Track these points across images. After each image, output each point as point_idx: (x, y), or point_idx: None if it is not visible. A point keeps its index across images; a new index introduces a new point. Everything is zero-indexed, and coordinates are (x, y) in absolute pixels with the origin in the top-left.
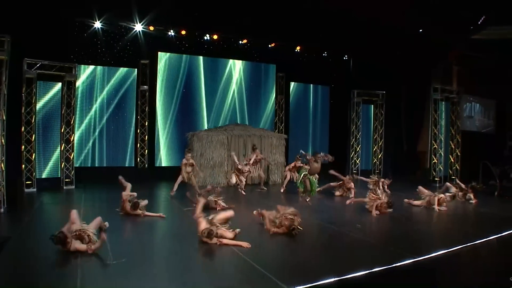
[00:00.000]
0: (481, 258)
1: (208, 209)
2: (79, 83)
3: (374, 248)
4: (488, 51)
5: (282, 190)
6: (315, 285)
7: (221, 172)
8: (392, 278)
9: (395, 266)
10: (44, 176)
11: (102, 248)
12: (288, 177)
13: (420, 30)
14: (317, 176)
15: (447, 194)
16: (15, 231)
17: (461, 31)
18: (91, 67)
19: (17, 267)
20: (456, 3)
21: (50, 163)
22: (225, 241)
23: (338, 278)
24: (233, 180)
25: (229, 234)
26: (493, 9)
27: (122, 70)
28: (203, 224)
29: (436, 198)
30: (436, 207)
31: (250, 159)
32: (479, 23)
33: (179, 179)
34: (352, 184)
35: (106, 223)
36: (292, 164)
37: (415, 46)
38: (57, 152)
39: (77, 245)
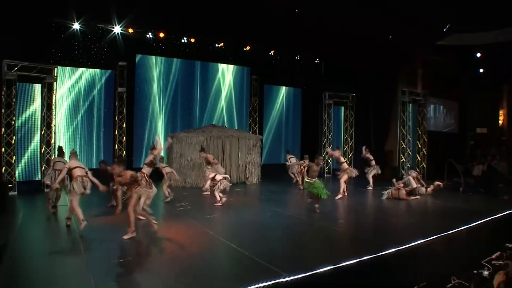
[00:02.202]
0: (454, 246)
1: None
2: (66, 87)
3: (359, 240)
4: (451, 56)
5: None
6: (313, 273)
7: (200, 173)
8: (377, 266)
9: (379, 255)
10: (23, 179)
11: None
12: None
13: (390, 37)
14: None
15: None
16: (10, 235)
17: (426, 38)
18: (75, 69)
19: (26, 269)
20: (423, 12)
21: (30, 166)
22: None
23: (333, 267)
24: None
25: None
26: (457, 18)
27: (99, 72)
28: None
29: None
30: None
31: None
32: (444, 30)
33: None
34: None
35: None
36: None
37: (383, 51)
38: (37, 155)
39: None
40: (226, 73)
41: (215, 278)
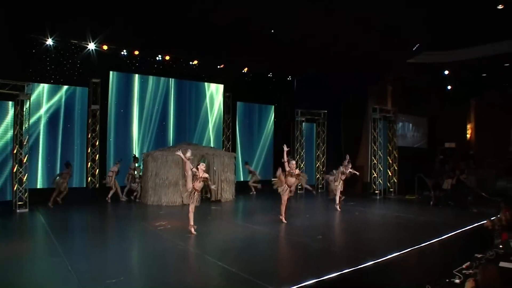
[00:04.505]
0: (428, 257)
1: None
2: (39, 104)
3: (337, 254)
4: (420, 73)
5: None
6: (299, 287)
7: (176, 191)
8: (356, 278)
9: (358, 268)
10: None
11: None
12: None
13: (361, 57)
14: None
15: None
16: None
17: (397, 56)
18: (47, 85)
19: None
20: (395, 31)
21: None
22: None
23: (317, 280)
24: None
25: None
26: (427, 37)
27: (72, 89)
28: None
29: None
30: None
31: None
32: (413, 49)
33: None
34: None
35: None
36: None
37: (354, 68)
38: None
39: None
40: (200, 90)
41: None
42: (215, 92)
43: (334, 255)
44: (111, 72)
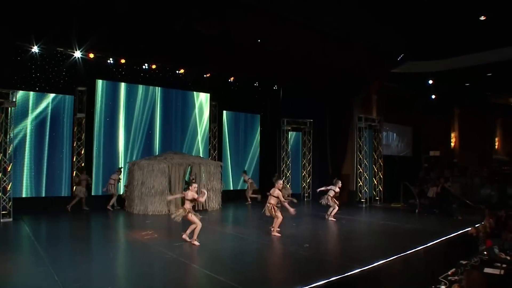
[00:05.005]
0: (414, 265)
1: None
2: (24, 112)
3: (325, 262)
4: (405, 82)
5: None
6: None
7: (162, 200)
8: (344, 286)
9: (345, 275)
10: None
11: None
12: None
13: (347, 66)
14: None
15: None
16: None
17: (382, 66)
18: (33, 93)
19: None
20: (380, 42)
21: None
22: None
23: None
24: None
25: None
26: (411, 47)
27: (58, 97)
28: None
29: None
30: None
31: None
32: (398, 59)
33: None
34: None
35: None
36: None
37: (339, 78)
38: None
39: None
40: (188, 100)
41: None
42: (204, 102)
43: (321, 263)
44: (97, 81)
